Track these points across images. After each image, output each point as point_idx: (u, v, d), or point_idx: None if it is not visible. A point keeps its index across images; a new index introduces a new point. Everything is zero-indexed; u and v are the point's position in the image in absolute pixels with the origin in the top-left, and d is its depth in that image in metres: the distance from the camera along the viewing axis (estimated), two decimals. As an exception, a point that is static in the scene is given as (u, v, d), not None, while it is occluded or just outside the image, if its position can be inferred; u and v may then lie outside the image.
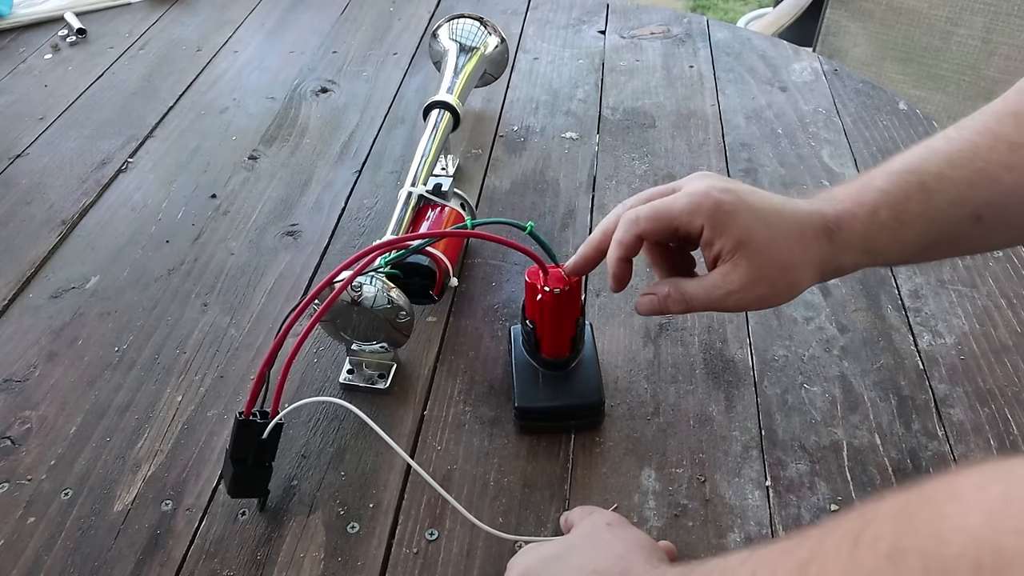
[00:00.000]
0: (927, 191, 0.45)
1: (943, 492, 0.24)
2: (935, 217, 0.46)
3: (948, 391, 0.64)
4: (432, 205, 0.69)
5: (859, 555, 0.25)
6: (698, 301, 0.48)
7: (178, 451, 0.61)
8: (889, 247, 0.47)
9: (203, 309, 0.73)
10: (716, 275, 0.47)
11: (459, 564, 0.53)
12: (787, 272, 0.47)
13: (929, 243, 0.47)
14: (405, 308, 0.59)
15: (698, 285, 0.48)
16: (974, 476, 0.23)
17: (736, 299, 0.47)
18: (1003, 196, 0.44)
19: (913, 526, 0.24)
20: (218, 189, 0.87)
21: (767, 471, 0.59)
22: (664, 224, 0.48)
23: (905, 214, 0.46)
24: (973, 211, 0.45)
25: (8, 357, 0.69)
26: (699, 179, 0.48)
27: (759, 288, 0.46)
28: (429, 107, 0.80)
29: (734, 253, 0.46)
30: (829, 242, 0.47)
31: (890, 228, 0.46)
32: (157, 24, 1.19)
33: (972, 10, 1.23)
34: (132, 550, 0.55)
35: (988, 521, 0.22)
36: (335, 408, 0.63)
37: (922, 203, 0.45)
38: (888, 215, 0.46)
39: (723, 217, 0.46)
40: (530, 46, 1.12)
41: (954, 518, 0.23)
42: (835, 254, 0.47)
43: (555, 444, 0.61)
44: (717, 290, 0.47)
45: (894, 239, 0.46)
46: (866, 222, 0.46)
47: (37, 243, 0.81)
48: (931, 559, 0.22)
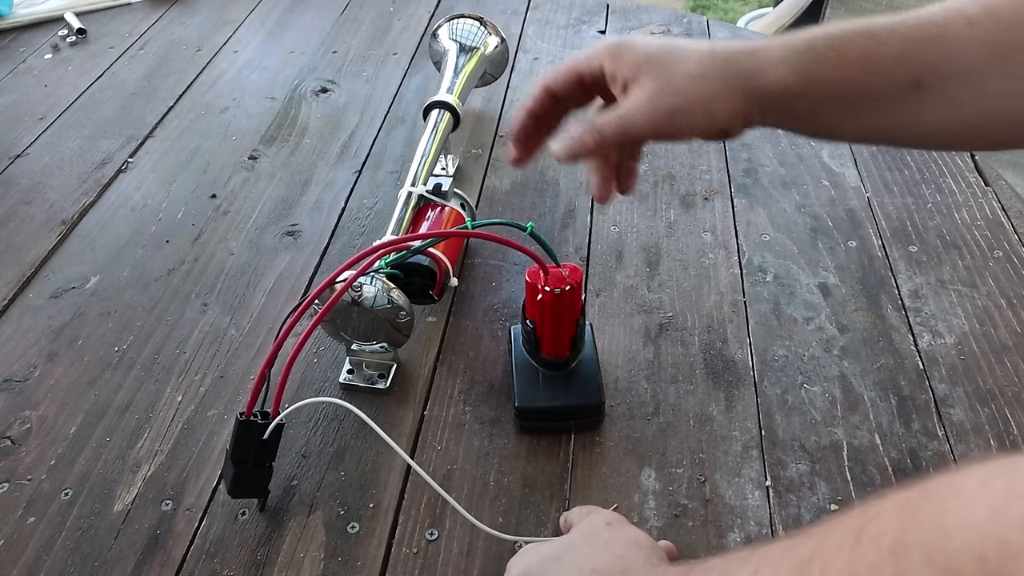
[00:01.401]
0: (871, 37, 0.44)
1: (946, 488, 0.24)
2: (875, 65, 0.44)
3: (948, 391, 0.64)
4: (432, 205, 0.69)
5: (862, 551, 0.25)
6: (610, 126, 0.47)
7: (178, 451, 0.61)
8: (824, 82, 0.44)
9: (203, 309, 0.73)
10: (623, 99, 0.47)
11: (459, 564, 0.53)
12: (698, 82, 0.45)
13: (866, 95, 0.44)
14: (405, 308, 0.59)
15: (607, 112, 0.47)
16: (978, 472, 0.23)
17: (647, 114, 0.46)
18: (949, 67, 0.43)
19: (916, 521, 0.24)
20: (218, 189, 0.87)
21: (767, 471, 0.59)
22: (567, 71, 0.49)
23: (846, 51, 0.44)
24: (915, 74, 0.43)
25: (8, 357, 0.69)
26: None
27: (665, 98, 0.45)
28: (429, 107, 0.80)
29: (636, 75, 0.46)
30: (749, 56, 0.45)
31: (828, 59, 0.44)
32: (157, 24, 1.19)
33: (972, 10, 1.22)
34: (132, 550, 0.55)
35: (992, 515, 0.22)
36: (335, 408, 0.63)
37: (863, 47, 0.44)
38: (824, 44, 0.44)
39: (621, 50, 0.47)
40: (530, 46, 1.12)
41: (958, 513, 0.23)
42: (758, 69, 0.45)
43: (555, 444, 0.61)
44: (624, 108, 0.46)
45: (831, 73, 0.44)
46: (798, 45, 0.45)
47: (37, 243, 0.81)
48: (934, 553, 0.22)
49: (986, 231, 0.77)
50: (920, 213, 0.80)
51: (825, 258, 0.75)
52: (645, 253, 0.77)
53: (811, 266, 0.75)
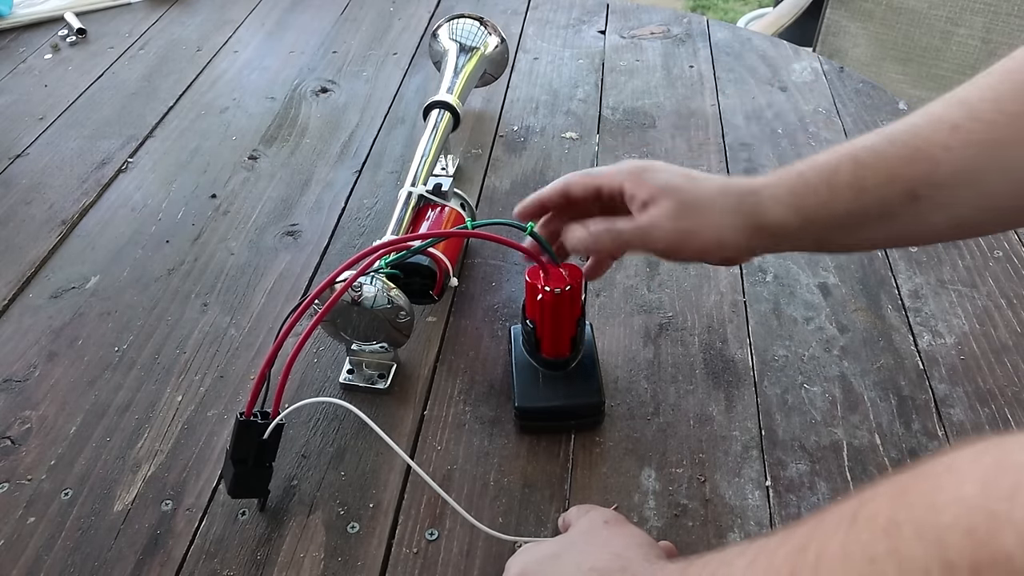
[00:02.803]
0: (858, 162, 0.46)
1: (939, 466, 0.24)
2: (866, 188, 0.45)
3: (948, 391, 0.64)
4: (432, 205, 0.69)
5: (856, 531, 0.26)
6: (628, 233, 0.50)
7: (178, 451, 0.61)
8: (821, 212, 0.47)
9: (203, 309, 0.73)
10: (642, 213, 0.50)
11: (459, 564, 0.53)
12: (710, 213, 0.48)
13: (863, 217, 0.46)
14: (405, 308, 0.59)
15: (626, 220, 0.50)
16: (968, 450, 0.24)
17: (664, 229, 0.49)
18: (941, 176, 0.44)
19: (908, 500, 0.24)
20: (218, 189, 0.87)
21: (767, 471, 0.59)
22: (588, 181, 0.52)
23: (835, 179, 0.46)
24: (909, 189, 0.45)
25: (8, 357, 0.69)
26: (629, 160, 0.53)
27: (683, 220, 0.48)
28: (429, 107, 0.80)
29: (657, 196, 0.49)
30: (753, 195, 0.48)
31: (819, 193, 0.46)
32: (157, 24, 1.19)
33: (972, 10, 1.23)
34: (132, 550, 0.55)
35: (982, 489, 0.22)
36: (335, 408, 0.63)
37: (852, 172, 0.46)
38: (815, 178, 0.47)
39: (643, 173, 0.50)
40: (530, 46, 1.12)
41: (948, 489, 0.23)
42: (760, 207, 0.48)
43: (555, 444, 0.61)
44: (641, 220, 0.49)
45: (826, 205, 0.46)
46: (794, 181, 0.48)
47: (37, 243, 0.81)
48: (925, 528, 0.23)
49: (986, 231, 0.77)
50: (920, 213, 0.80)
51: (825, 258, 0.75)
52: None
53: (811, 266, 0.75)
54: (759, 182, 0.49)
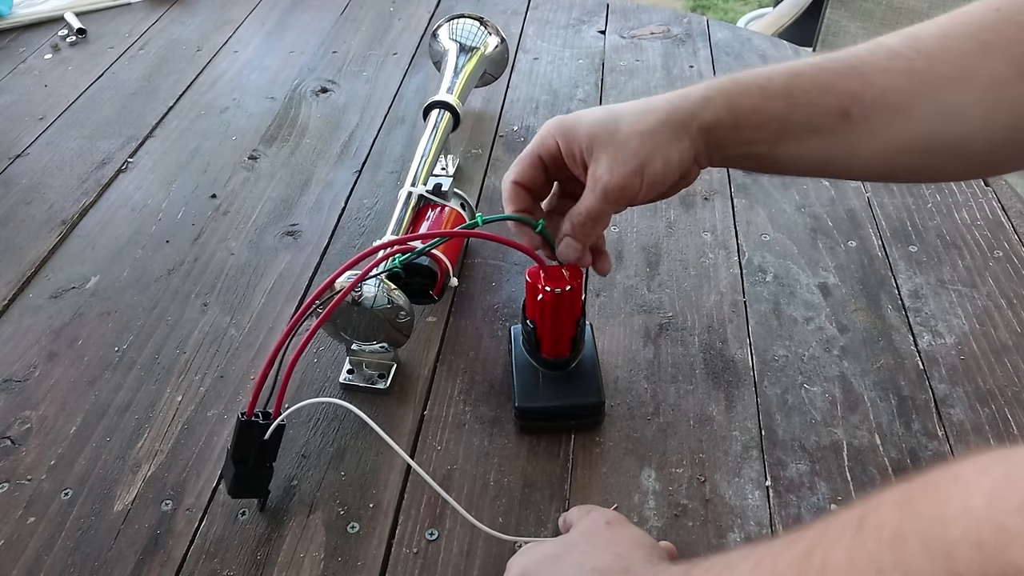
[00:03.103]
0: (793, 72, 0.46)
1: (946, 478, 0.24)
2: (798, 96, 0.45)
3: (948, 391, 0.64)
4: (432, 205, 0.69)
5: (862, 539, 0.25)
6: (592, 207, 0.49)
7: (178, 451, 0.61)
8: (753, 113, 0.46)
9: (203, 309, 0.73)
10: (589, 176, 0.49)
11: (459, 564, 0.53)
12: (646, 138, 0.47)
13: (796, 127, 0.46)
14: (405, 308, 0.59)
15: (582, 196, 0.49)
16: (976, 461, 0.23)
17: (615, 186, 0.47)
18: (870, 97, 0.44)
19: (916, 510, 0.24)
20: (218, 189, 0.87)
21: (767, 471, 0.59)
22: (528, 159, 0.51)
23: (769, 85, 0.46)
24: (840, 104, 0.45)
25: (8, 357, 0.69)
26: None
27: (627, 162, 0.47)
28: (429, 107, 0.80)
29: (591, 149, 0.48)
30: (684, 100, 0.47)
31: (752, 94, 0.46)
32: (157, 24, 1.19)
33: (972, 10, 1.22)
34: (132, 550, 0.55)
35: (990, 502, 0.22)
36: (335, 408, 0.63)
37: (787, 80, 0.46)
38: (750, 81, 0.47)
39: (569, 124, 0.49)
40: (530, 46, 1.12)
41: (957, 501, 0.23)
42: (693, 109, 0.47)
43: (555, 444, 0.61)
44: (596, 185, 0.48)
45: (756, 108, 0.46)
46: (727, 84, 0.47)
47: (37, 243, 0.81)
48: (933, 542, 0.23)
49: (986, 231, 0.77)
50: (920, 213, 0.80)
51: (825, 258, 0.75)
52: (645, 253, 0.77)
53: (811, 266, 0.75)
54: (689, 89, 0.48)
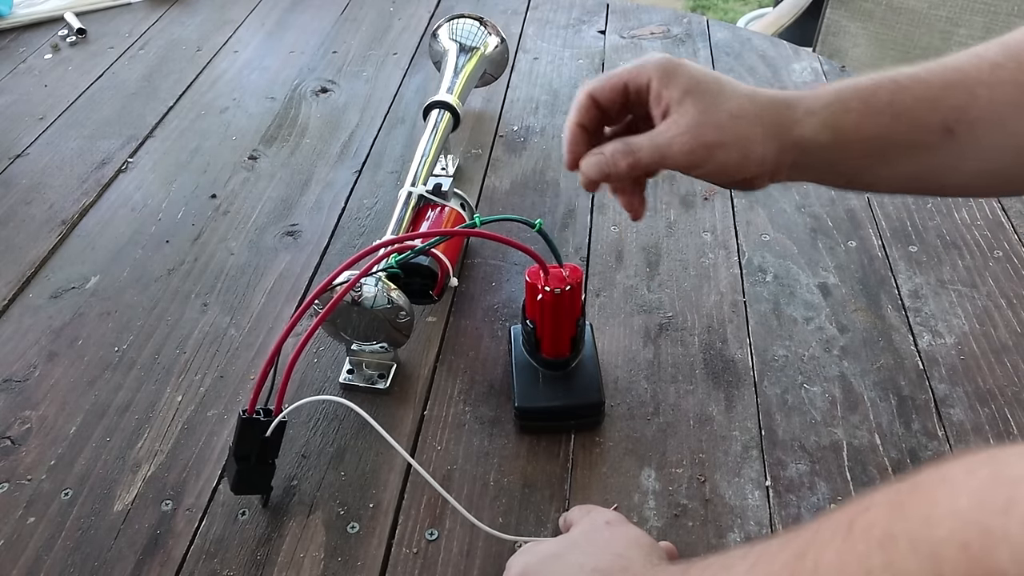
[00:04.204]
0: (898, 84, 0.44)
1: (934, 478, 0.24)
2: (903, 113, 0.44)
3: (948, 391, 0.64)
4: (432, 205, 0.69)
5: (852, 541, 0.26)
6: (645, 150, 0.46)
7: (178, 451, 0.61)
8: (853, 132, 0.45)
9: (203, 309, 0.73)
10: (662, 123, 0.46)
11: (459, 564, 0.53)
12: (738, 123, 0.45)
13: (896, 144, 0.45)
14: (405, 308, 0.59)
15: (644, 135, 0.47)
16: (963, 462, 0.24)
17: (681, 143, 0.45)
18: (976, 112, 0.43)
19: (904, 512, 0.24)
20: (218, 189, 0.87)
21: (767, 471, 0.59)
22: (614, 80, 0.48)
23: (873, 99, 0.44)
24: (944, 120, 0.43)
25: (8, 357, 0.69)
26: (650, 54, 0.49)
27: (706, 133, 0.44)
28: (429, 107, 0.80)
29: (681, 100, 0.45)
30: (787, 107, 0.45)
31: (856, 111, 0.44)
32: (157, 24, 1.19)
33: (972, 10, 1.23)
34: (132, 550, 0.55)
35: (976, 503, 0.22)
36: (335, 408, 0.63)
37: (891, 93, 0.44)
38: (854, 97, 0.45)
39: (671, 68, 0.46)
40: (530, 46, 1.12)
41: (943, 502, 0.23)
42: (792, 120, 0.45)
43: (555, 444, 0.61)
44: (663, 135, 0.45)
45: (859, 124, 0.44)
46: (830, 98, 0.45)
47: (37, 243, 0.81)
48: (920, 543, 0.23)
49: (986, 231, 0.77)
50: (920, 213, 0.80)
51: (825, 258, 0.75)
52: (645, 253, 0.77)
53: (811, 266, 0.75)
54: (793, 94, 0.46)
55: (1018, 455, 0.22)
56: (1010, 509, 0.21)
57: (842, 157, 0.46)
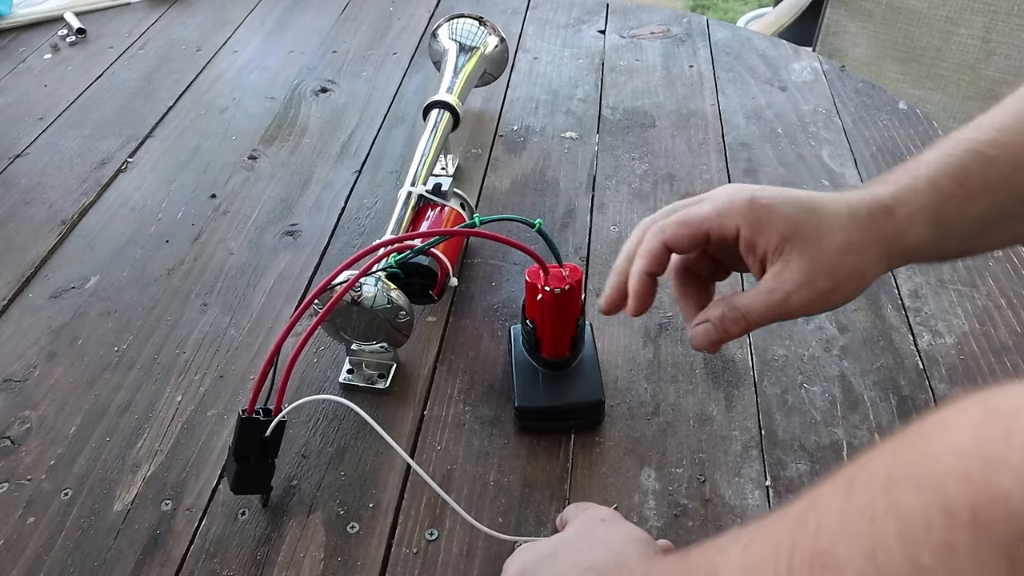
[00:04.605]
0: (985, 158, 0.42)
1: (930, 423, 0.25)
2: (999, 184, 0.42)
3: (948, 391, 0.63)
4: (432, 205, 0.69)
5: (854, 494, 0.26)
6: (756, 312, 0.43)
7: (178, 451, 0.61)
8: (956, 221, 0.42)
9: (203, 309, 0.73)
10: (769, 278, 0.43)
11: (459, 564, 0.53)
12: (848, 256, 0.42)
13: (994, 217, 0.43)
14: (405, 308, 0.59)
15: (753, 295, 0.43)
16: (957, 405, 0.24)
17: (798, 299, 0.42)
18: None
19: (905, 456, 0.25)
20: (218, 189, 0.87)
21: (767, 471, 0.59)
22: (693, 229, 0.44)
23: (968, 181, 0.42)
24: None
25: (8, 357, 0.69)
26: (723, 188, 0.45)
27: (820, 281, 0.41)
28: (429, 107, 0.80)
29: (781, 249, 0.42)
30: (889, 218, 0.42)
31: (955, 198, 0.42)
32: (157, 24, 1.19)
33: (972, 10, 1.23)
34: (132, 550, 0.55)
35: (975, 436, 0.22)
36: (335, 408, 0.63)
37: (982, 170, 0.42)
38: (950, 184, 0.42)
39: (761, 212, 0.42)
40: (530, 46, 1.12)
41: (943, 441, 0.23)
42: (899, 231, 0.42)
43: (555, 444, 0.61)
44: (775, 294, 0.42)
45: (960, 211, 0.42)
46: (927, 192, 0.42)
47: (37, 243, 0.81)
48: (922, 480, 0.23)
49: (986, 231, 0.77)
50: (920, 213, 0.80)
51: (825, 258, 0.75)
52: (645, 253, 0.77)
53: (811, 266, 0.75)
54: (888, 197, 0.43)
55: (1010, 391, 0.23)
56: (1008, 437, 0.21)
57: (944, 244, 0.44)
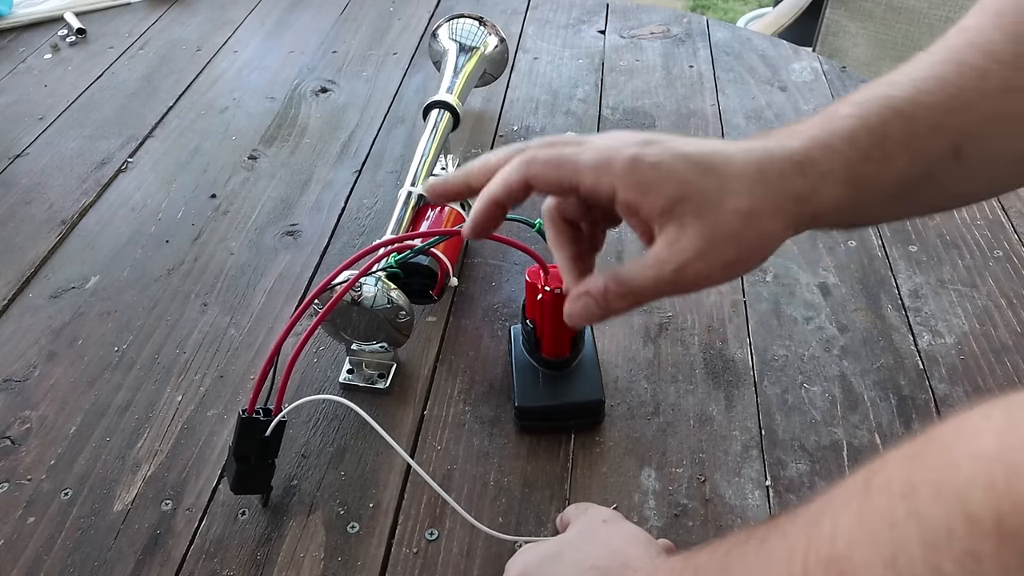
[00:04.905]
0: (904, 116, 0.38)
1: (950, 428, 0.24)
2: (918, 147, 0.38)
3: (948, 391, 0.64)
4: (432, 205, 0.69)
5: (871, 498, 0.25)
6: (647, 287, 0.37)
7: (178, 451, 0.61)
8: (874, 183, 0.38)
9: (203, 309, 0.73)
10: (660, 247, 0.36)
11: (459, 564, 0.53)
12: (754, 223, 0.36)
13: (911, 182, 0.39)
14: (405, 308, 0.59)
15: (641, 266, 0.37)
16: (978, 410, 0.24)
17: (694, 271, 0.36)
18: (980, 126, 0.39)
19: (924, 462, 0.24)
20: (218, 189, 0.87)
21: (767, 471, 0.59)
22: (565, 174, 0.37)
23: (887, 141, 0.38)
24: (952, 143, 0.39)
25: (8, 357, 0.69)
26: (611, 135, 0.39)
27: (722, 251, 0.36)
28: (429, 107, 0.80)
29: (671, 214, 0.36)
30: (801, 176, 0.37)
31: (874, 158, 0.38)
32: (157, 24, 1.19)
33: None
34: (132, 550, 0.55)
35: (998, 443, 0.22)
36: (335, 408, 0.63)
37: (903, 130, 0.38)
38: (869, 142, 0.38)
39: (646, 172, 0.36)
40: (530, 46, 1.12)
41: (963, 446, 0.23)
42: (811, 190, 0.37)
43: (555, 444, 0.61)
44: (666, 265, 0.36)
45: (879, 173, 0.38)
46: (844, 151, 0.37)
47: (37, 243, 0.81)
48: (944, 486, 0.23)
49: (986, 231, 0.77)
50: (920, 213, 0.80)
51: (825, 258, 0.75)
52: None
53: (811, 266, 0.75)
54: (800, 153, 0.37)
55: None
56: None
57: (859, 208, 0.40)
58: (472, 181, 0.41)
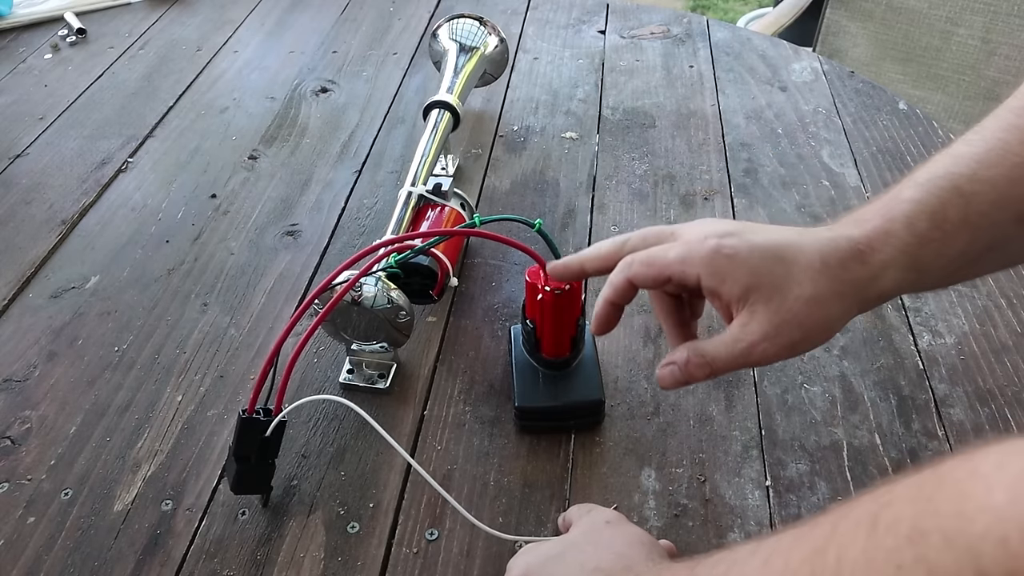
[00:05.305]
0: (964, 195, 0.41)
1: (962, 471, 0.24)
2: (978, 223, 0.41)
3: (948, 391, 0.64)
4: (432, 205, 0.69)
5: (878, 537, 0.25)
6: (721, 360, 0.43)
7: (178, 451, 0.61)
8: (935, 261, 0.41)
9: (203, 309, 0.73)
10: (734, 328, 0.42)
11: (459, 564, 0.53)
12: (816, 308, 0.41)
13: (977, 253, 0.42)
14: (405, 308, 0.59)
15: (718, 343, 0.43)
16: (993, 454, 0.23)
17: (763, 350, 0.41)
18: None
19: (933, 506, 0.24)
20: (218, 189, 0.87)
21: (767, 471, 0.59)
22: (657, 271, 0.44)
23: (946, 223, 0.41)
24: (1017, 212, 0.40)
25: (8, 357, 0.69)
26: (698, 225, 0.45)
27: (786, 334, 0.41)
28: (429, 107, 0.80)
29: (745, 300, 0.41)
30: (861, 265, 0.41)
31: (934, 241, 0.41)
32: (157, 24, 1.19)
33: (972, 10, 1.23)
34: (132, 550, 0.55)
35: (1012, 498, 0.22)
36: (335, 408, 0.63)
37: (961, 208, 0.41)
38: (927, 226, 0.41)
39: (723, 263, 0.42)
40: (530, 46, 1.12)
41: (976, 496, 0.23)
42: (872, 278, 0.41)
43: (555, 444, 0.61)
44: (738, 344, 0.42)
45: (939, 253, 0.41)
46: (903, 237, 0.41)
47: (37, 243, 0.81)
48: (955, 538, 0.23)
49: (986, 231, 0.77)
50: (920, 213, 0.80)
51: (825, 258, 0.75)
52: (645, 253, 0.77)
53: (811, 266, 0.75)
54: (863, 242, 0.42)
55: None
56: None
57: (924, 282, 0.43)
58: (586, 266, 0.49)
